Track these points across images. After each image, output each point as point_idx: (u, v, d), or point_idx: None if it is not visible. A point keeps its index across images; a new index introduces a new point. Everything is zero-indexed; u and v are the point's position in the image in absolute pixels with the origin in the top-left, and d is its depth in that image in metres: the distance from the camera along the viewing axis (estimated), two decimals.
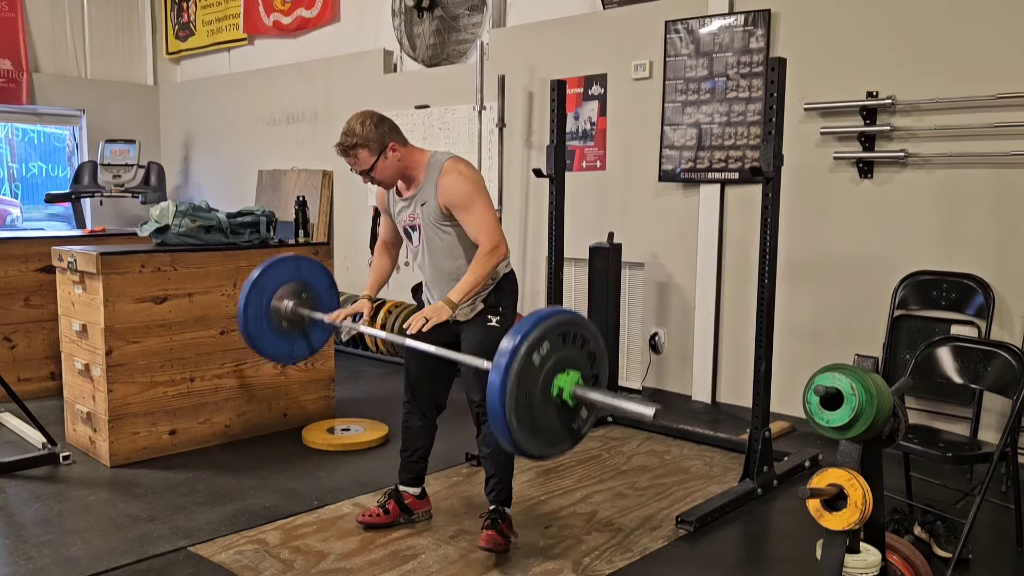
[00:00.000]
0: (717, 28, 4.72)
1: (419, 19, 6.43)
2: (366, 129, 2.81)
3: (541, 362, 2.10)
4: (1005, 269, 3.87)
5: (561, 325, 2.16)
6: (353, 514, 3.27)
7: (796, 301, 4.51)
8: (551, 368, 2.13)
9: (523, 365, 2.05)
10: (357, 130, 2.81)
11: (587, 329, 2.25)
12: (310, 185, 7.23)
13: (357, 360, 6.17)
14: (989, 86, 3.84)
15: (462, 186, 2.82)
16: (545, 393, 2.12)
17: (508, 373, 2.04)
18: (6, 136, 11.48)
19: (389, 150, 2.84)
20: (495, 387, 2.05)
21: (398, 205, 3.00)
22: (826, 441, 4.01)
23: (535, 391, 2.10)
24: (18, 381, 4.77)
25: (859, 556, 1.95)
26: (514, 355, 2.05)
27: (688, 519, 3.18)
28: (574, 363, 2.18)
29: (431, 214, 2.89)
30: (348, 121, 2.86)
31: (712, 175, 4.80)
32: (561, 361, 2.15)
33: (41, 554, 2.91)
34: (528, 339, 2.07)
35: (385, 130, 2.85)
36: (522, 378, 2.06)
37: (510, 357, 2.05)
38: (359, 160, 2.83)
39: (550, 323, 2.13)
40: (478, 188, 2.84)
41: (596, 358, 2.26)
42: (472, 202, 2.82)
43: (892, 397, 1.97)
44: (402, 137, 2.90)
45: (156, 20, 9.14)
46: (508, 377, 2.04)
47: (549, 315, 2.15)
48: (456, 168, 2.85)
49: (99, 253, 3.76)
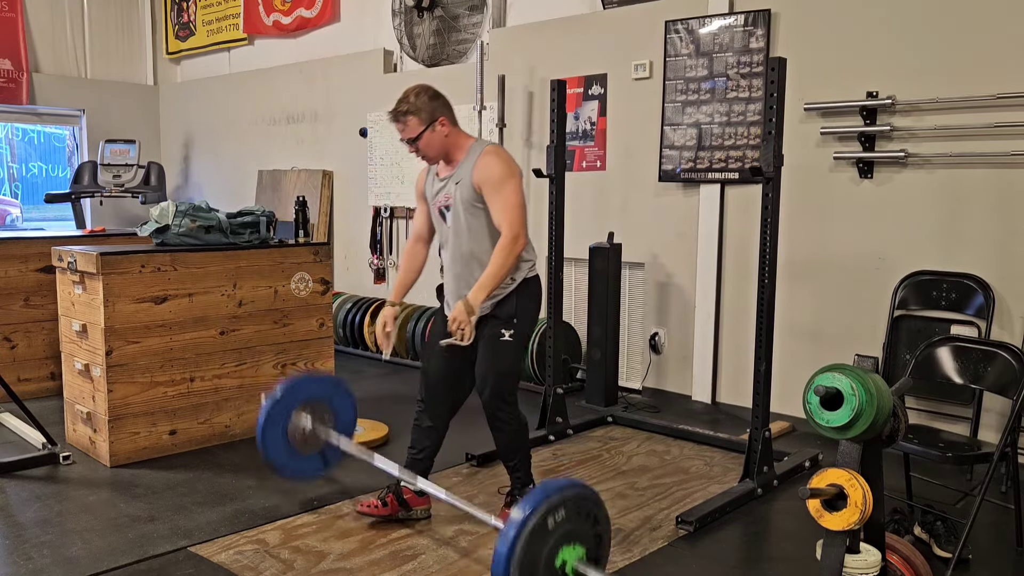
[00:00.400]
0: (717, 28, 4.72)
1: (419, 19, 6.43)
2: (420, 99, 2.91)
3: (555, 527, 2.11)
4: (1005, 269, 3.87)
5: (582, 499, 2.20)
6: (353, 514, 3.27)
7: (796, 301, 4.51)
8: (560, 537, 2.13)
9: (538, 526, 2.08)
10: (411, 98, 2.92)
11: (602, 511, 2.27)
12: (310, 185, 7.23)
13: (357, 360, 6.16)
14: (989, 86, 3.84)
15: (498, 167, 2.90)
16: (549, 561, 2.12)
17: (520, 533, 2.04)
18: (6, 136, 11.48)
19: (438, 124, 2.94)
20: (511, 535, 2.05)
21: (436, 186, 3.06)
22: (826, 441, 4.01)
23: (541, 554, 2.10)
24: (18, 381, 4.78)
25: (859, 556, 1.96)
26: (533, 513, 2.07)
27: (688, 519, 3.18)
28: (582, 538, 2.19)
29: (465, 193, 2.95)
30: (405, 90, 2.96)
31: (712, 175, 4.80)
32: (571, 533, 2.16)
33: (41, 554, 2.91)
34: (548, 502, 2.10)
35: (438, 104, 2.95)
36: (533, 538, 2.07)
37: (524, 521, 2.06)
38: (408, 127, 2.92)
39: (573, 493, 2.17)
40: (512, 174, 2.91)
41: (602, 541, 2.26)
42: (503, 184, 2.88)
43: (892, 397, 1.97)
44: (453, 115, 3.00)
45: (156, 20, 9.14)
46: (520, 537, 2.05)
47: (574, 485, 2.20)
48: (496, 151, 2.96)
49: (99, 253, 3.76)
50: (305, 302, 4.47)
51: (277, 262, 4.35)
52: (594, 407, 4.90)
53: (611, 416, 4.65)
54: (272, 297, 4.33)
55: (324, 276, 4.56)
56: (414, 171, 6.37)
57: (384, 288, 6.77)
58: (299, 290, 4.44)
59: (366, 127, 6.78)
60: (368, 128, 6.76)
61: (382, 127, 6.63)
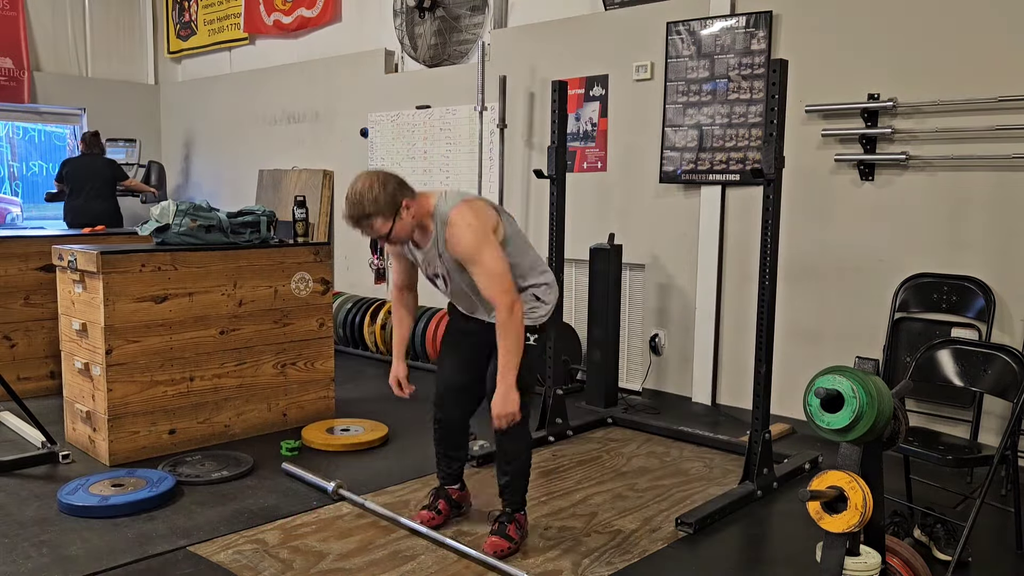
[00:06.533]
0: (719, 29, 4.72)
1: (420, 19, 6.43)
2: (376, 195, 2.63)
3: None
4: (1006, 272, 3.87)
5: None
6: (353, 514, 3.27)
7: (797, 303, 4.51)
8: None
9: None
10: (368, 199, 2.62)
11: None
12: (310, 185, 7.23)
13: (357, 360, 6.16)
14: (990, 88, 3.84)
15: (466, 239, 2.67)
16: None
17: None
18: (7, 135, 11.49)
19: (403, 209, 2.68)
20: None
21: (417, 254, 2.89)
22: (826, 443, 4.00)
23: None
24: (18, 380, 4.78)
25: (859, 559, 1.95)
26: None
27: (688, 521, 3.17)
28: None
29: (450, 262, 2.78)
30: (353, 189, 2.66)
31: (713, 177, 4.80)
32: None
33: (40, 553, 2.91)
34: None
35: (394, 190, 2.67)
36: None
37: None
38: (374, 229, 2.67)
39: None
40: (482, 238, 2.68)
41: None
42: (478, 254, 2.67)
43: (892, 400, 1.97)
44: (411, 189, 2.73)
45: (157, 19, 9.15)
46: None
47: None
48: (458, 218, 2.69)
49: (99, 252, 3.76)
50: (305, 302, 4.47)
51: (277, 262, 4.34)
52: (594, 408, 4.90)
53: (611, 417, 4.65)
54: (272, 297, 4.33)
55: (324, 276, 4.56)
56: (414, 171, 6.37)
57: (384, 288, 6.77)
58: (299, 290, 4.44)
59: (367, 127, 6.78)
60: (369, 128, 6.76)
61: (383, 127, 6.63)
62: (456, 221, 2.69)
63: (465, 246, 2.68)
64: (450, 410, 3.10)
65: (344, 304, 6.43)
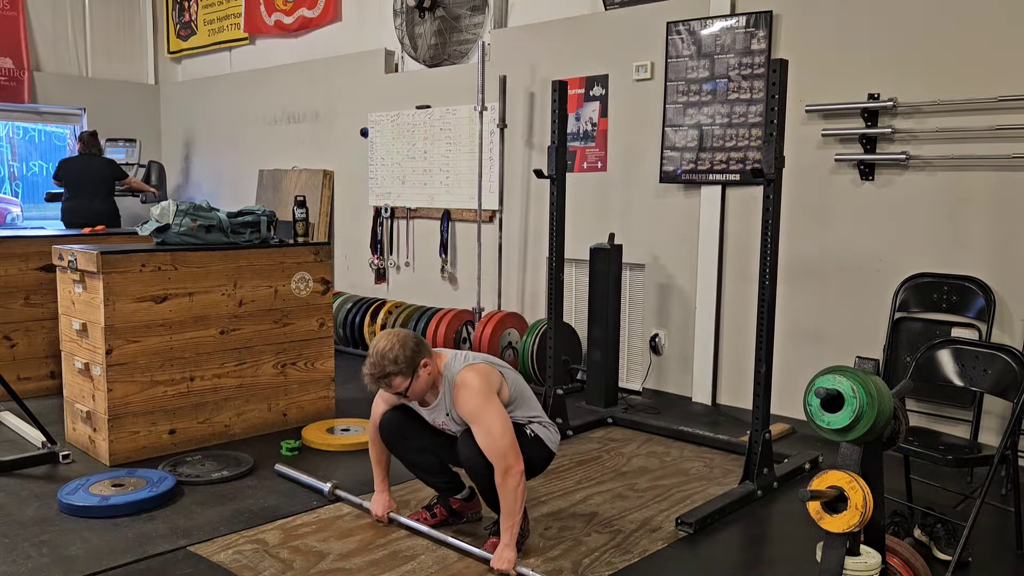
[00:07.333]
0: (719, 29, 4.72)
1: (420, 19, 6.43)
2: (397, 355, 2.76)
3: None
4: (1006, 271, 3.87)
5: None
6: (353, 514, 3.27)
7: (797, 303, 4.51)
8: None
9: None
10: (389, 358, 2.76)
11: None
12: (311, 185, 7.23)
13: (357, 360, 6.14)
14: (990, 88, 3.84)
15: (472, 402, 2.80)
16: None
17: None
18: (7, 135, 11.49)
19: (421, 367, 2.81)
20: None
21: (423, 410, 3.00)
22: (826, 443, 4.00)
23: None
24: (18, 380, 4.78)
25: (859, 558, 1.95)
26: None
27: (688, 521, 3.17)
28: None
29: (459, 420, 2.90)
30: (376, 348, 2.79)
31: (713, 176, 4.80)
32: None
33: (40, 553, 2.91)
34: None
35: (414, 348, 2.79)
36: None
37: None
38: (393, 386, 2.80)
39: None
40: (485, 401, 2.79)
41: None
42: (481, 416, 2.78)
43: (893, 399, 1.97)
44: (428, 349, 2.86)
45: (157, 19, 9.15)
46: None
47: None
48: (464, 383, 2.83)
49: (99, 252, 3.76)
50: (305, 302, 4.47)
51: (277, 262, 4.34)
52: (594, 408, 4.90)
53: (611, 417, 4.65)
54: (272, 297, 4.33)
55: (324, 276, 4.56)
56: (415, 171, 6.38)
57: (384, 288, 6.77)
58: (299, 290, 4.44)
59: (367, 127, 6.78)
60: (369, 128, 6.76)
61: (383, 127, 6.63)
62: (461, 384, 2.84)
63: (471, 407, 2.81)
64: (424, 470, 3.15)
65: (344, 304, 6.43)
